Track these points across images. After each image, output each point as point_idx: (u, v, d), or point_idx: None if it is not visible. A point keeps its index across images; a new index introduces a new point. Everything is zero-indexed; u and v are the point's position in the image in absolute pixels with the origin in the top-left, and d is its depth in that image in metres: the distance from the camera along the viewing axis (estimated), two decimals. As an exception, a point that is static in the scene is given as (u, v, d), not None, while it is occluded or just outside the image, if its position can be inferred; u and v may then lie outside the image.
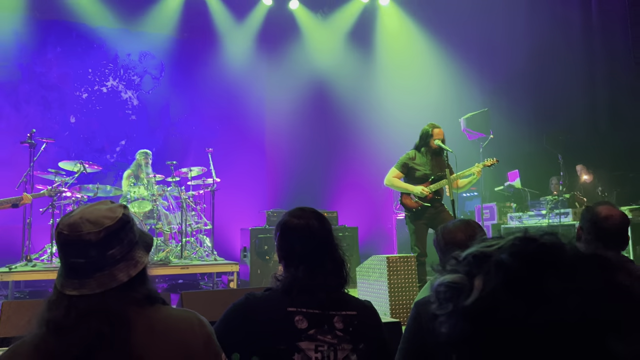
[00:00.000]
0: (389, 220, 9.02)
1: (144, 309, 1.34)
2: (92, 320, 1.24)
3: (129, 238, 1.36)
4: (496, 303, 0.59)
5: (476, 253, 0.64)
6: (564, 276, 0.58)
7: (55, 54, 8.55)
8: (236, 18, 9.35)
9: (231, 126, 9.48)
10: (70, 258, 1.29)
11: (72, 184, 6.49)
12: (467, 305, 0.61)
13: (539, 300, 0.57)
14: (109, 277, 1.30)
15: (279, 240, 1.89)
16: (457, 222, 2.15)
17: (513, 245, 0.62)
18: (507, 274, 0.59)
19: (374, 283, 4.90)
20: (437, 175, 5.01)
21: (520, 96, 8.22)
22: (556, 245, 0.61)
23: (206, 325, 1.42)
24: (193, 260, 6.64)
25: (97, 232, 1.29)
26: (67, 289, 1.28)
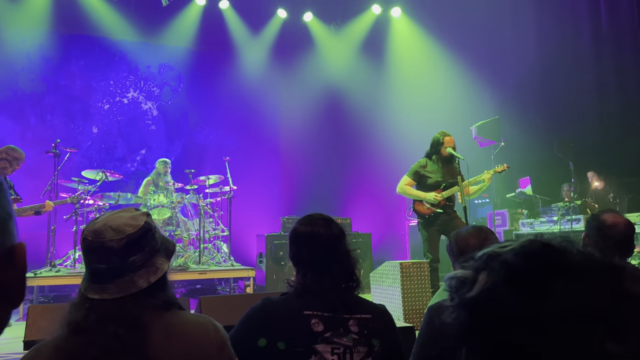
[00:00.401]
0: (402, 226, 9.13)
1: (160, 314, 1.39)
2: (110, 324, 1.29)
3: (150, 245, 1.41)
4: (494, 296, 0.60)
5: (490, 253, 0.66)
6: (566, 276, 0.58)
7: (78, 67, 8.86)
8: (252, 30, 9.59)
9: (247, 135, 9.71)
10: (93, 263, 1.36)
11: (95, 191, 6.71)
12: (468, 297, 0.63)
13: (536, 295, 0.58)
14: (129, 283, 1.35)
15: (289, 247, 1.97)
16: (469, 228, 2.17)
17: (522, 246, 0.64)
18: (508, 270, 0.61)
19: (387, 288, 5.01)
20: (449, 182, 5.06)
21: (531, 104, 8.31)
22: (562, 247, 0.62)
23: (221, 331, 1.47)
24: (211, 265, 6.81)
25: (118, 240, 1.34)
26: (89, 293, 1.34)
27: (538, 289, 0.58)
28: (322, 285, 1.83)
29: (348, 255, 1.93)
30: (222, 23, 9.36)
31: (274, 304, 1.85)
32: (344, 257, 1.91)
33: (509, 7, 8.65)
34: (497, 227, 7.79)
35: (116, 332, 1.28)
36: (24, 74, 8.47)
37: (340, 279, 1.87)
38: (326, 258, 1.86)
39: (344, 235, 1.98)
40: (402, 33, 9.84)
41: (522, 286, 0.59)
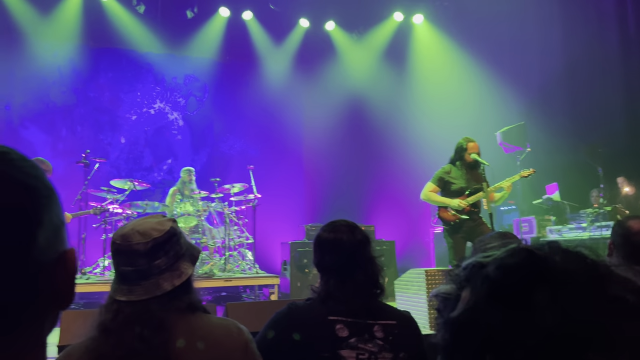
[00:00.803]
0: (427, 234, 9.06)
1: (185, 316, 1.44)
2: (136, 325, 1.35)
3: (175, 250, 1.47)
4: (478, 315, 0.58)
5: (474, 263, 0.64)
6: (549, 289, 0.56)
7: (107, 79, 9.10)
8: (275, 40, 9.70)
9: (271, 144, 9.80)
10: (121, 266, 1.43)
11: (123, 200, 6.87)
12: (452, 317, 0.61)
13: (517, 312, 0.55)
14: (154, 286, 1.41)
15: (313, 253, 2.00)
16: (494, 234, 2.16)
17: (502, 257, 0.61)
18: (490, 286, 0.59)
19: (412, 296, 4.97)
20: (473, 188, 5.02)
21: (557, 109, 8.17)
22: (545, 256, 0.59)
23: (245, 333, 1.51)
24: (236, 273, 6.87)
25: (145, 243, 1.42)
26: (117, 295, 1.41)
27: (521, 303, 0.56)
28: (345, 291, 1.84)
29: (372, 262, 1.93)
30: (246, 34, 9.49)
31: (299, 309, 1.86)
32: (368, 264, 1.91)
33: (532, 10, 8.56)
34: (523, 234, 7.67)
35: (142, 333, 1.34)
36: (55, 87, 8.73)
37: (364, 285, 1.87)
38: (349, 264, 1.88)
39: (368, 241, 1.98)
40: (424, 40, 9.82)
41: (505, 301, 0.57)
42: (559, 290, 0.56)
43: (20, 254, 0.54)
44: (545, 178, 7.74)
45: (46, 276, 0.57)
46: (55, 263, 0.58)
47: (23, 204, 0.55)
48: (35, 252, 0.55)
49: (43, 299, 0.57)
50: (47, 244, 0.57)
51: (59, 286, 0.59)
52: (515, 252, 0.61)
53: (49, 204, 0.58)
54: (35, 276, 0.56)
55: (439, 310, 0.66)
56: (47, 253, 0.57)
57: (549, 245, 0.62)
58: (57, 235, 0.59)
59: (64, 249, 0.60)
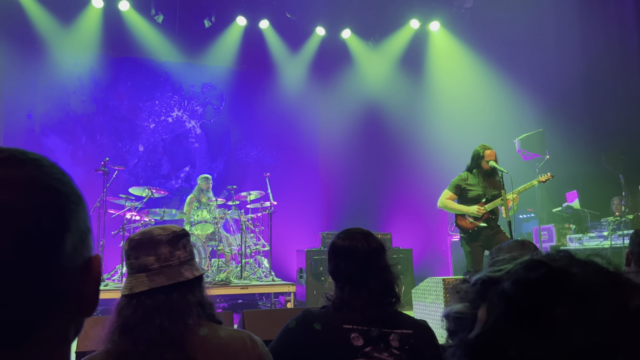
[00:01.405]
0: (444, 242, 8.98)
1: (200, 321, 1.45)
2: (157, 316, 1.36)
3: (190, 249, 1.54)
4: (497, 337, 0.55)
5: (485, 279, 0.60)
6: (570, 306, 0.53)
7: (126, 88, 9.24)
8: (291, 49, 9.76)
9: (287, 151, 9.84)
10: (142, 257, 1.45)
11: (141, 208, 6.94)
12: (469, 340, 0.57)
13: (542, 333, 0.52)
14: (176, 273, 1.44)
15: (328, 261, 1.98)
16: (512, 243, 2.12)
17: (517, 272, 0.57)
18: (509, 305, 0.55)
19: (430, 305, 4.93)
20: (491, 195, 4.98)
21: (576, 115, 8.06)
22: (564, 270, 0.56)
23: (259, 345, 1.51)
24: (252, 280, 6.88)
25: (166, 234, 1.49)
26: (137, 287, 1.41)
27: (542, 322, 0.53)
28: (359, 299, 1.82)
29: (387, 270, 1.91)
30: (262, 42, 9.57)
31: (314, 317, 1.84)
32: (383, 272, 1.89)
33: (550, 15, 8.48)
34: (543, 243, 7.56)
35: (162, 324, 1.35)
36: (76, 95, 8.89)
37: (379, 293, 1.85)
38: (364, 272, 1.86)
39: (383, 249, 1.96)
40: (441, 47, 9.79)
41: (525, 321, 0.53)
42: (581, 307, 0.53)
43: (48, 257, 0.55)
44: (565, 186, 7.63)
45: (71, 281, 0.58)
46: (81, 269, 0.59)
47: (52, 208, 0.56)
48: (62, 257, 0.56)
49: (68, 304, 0.58)
50: (73, 249, 0.58)
51: (83, 292, 0.60)
52: (531, 265, 0.58)
53: (77, 210, 0.59)
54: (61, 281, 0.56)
55: (452, 331, 0.62)
56: (73, 259, 0.58)
57: (563, 255, 0.59)
58: (84, 242, 0.60)
59: (90, 256, 0.61)
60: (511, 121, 8.46)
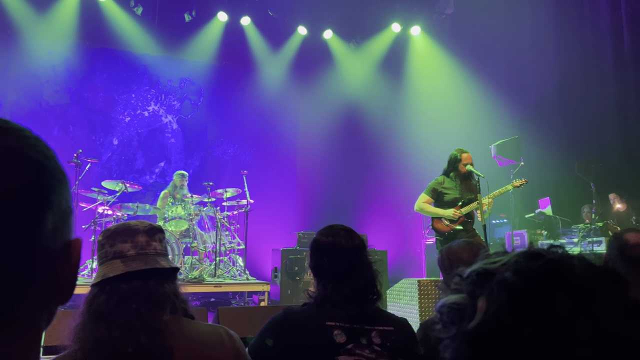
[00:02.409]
0: (418, 244, 9.04)
1: (177, 316, 1.41)
2: (132, 302, 1.33)
3: (165, 246, 1.52)
4: (500, 326, 0.54)
5: (480, 270, 0.60)
6: (572, 294, 0.53)
7: (102, 80, 9.04)
8: (272, 47, 9.71)
9: (265, 150, 9.78)
10: (118, 244, 1.42)
11: (114, 202, 6.79)
12: (470, 329, 0.56)
13: (545, 322, 0.52)
14: (152, 260, 1.42)
15: (310, 257, 1.97)
16: (461, 243, 2.18)
17: (517, 262, 0.58)
18: (511, 294, 0.55)
19: (404, 306, 4.95)
20: (467, 199, 5.04)
21: (551, 124, 8.23)
22: (564, 261, 0.57)
23: (236, 340, 1.48)
24: (226, 279, 6.79)
25: (143, 226, 1.48)
26: (110, 273, 1.36)
27: (545, 312, 0.53)
28: (342, 295, 1.82)
29: (369, 267, 1.91)
30: (243, 39, 9.49)
31: (296, 314, 1.83)
32: (365, 269, 1.89)
33: (528, 25, 8.64)
34: (515, 248, 7.66)
35: (138, 309, 1.32)
36: (49, 85, 8.66)
37: (361, 290, 1.85)
38: (347, 269, 1.85)
39: (365, 246, 1.97)
40: (421, 51, 9.88)
41: (528, 311, 0.53)
42: (583, 297, 0.53)
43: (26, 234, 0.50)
44: (538, 192, 7.78)
45: (49, 264, 0.53)
46: (60, 252, 0.55)
47: (34, 181, 0.52)
48: (40, 236, 0.51)
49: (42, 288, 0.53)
50: (53, 229, 0.53)
51: (60, 277, 0.55)
52: (531, 256, 0.58)
53: (60, 187, 0.55)
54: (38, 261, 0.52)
55: (450, 321, 0.61)
56: (53, 239, 0.53)
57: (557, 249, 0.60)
58: (65, 222, 0.56)
59: (70, 239, 0.57)
60: (487, 127, 8.59)
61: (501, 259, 0.60)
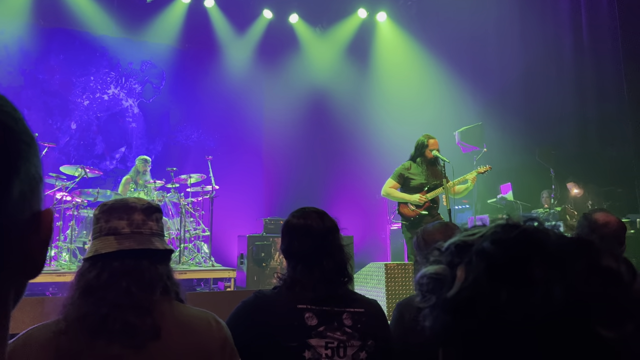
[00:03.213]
0: (384, 230, 9.14)
1: (168, 294, 1.40)
2: (123, 280, 1.30)
3: (162, 225, 1.49)
4: (478, 293, 0.56)
5: (458, 242, 0.62)
6: (548, 262, 0.55)
7: (58, 61, 8.67)
8: (237, 30, 9.53)
9: (230, 135, 9.64)
10: (113, 220, 1.39)
11: (73, 188, 6.57)
12: (449, 297, 0.58)
13: (521, 287, 0.54)
14: (147, 240, 1.39)
15: (281, 239, 1.96)
16: (436, 224, 2.23)
17: (495, 232, 0.60)
18: (489, 262, 0.57)
19: (371, 290, 5.00)
20: (433, 184, 5.11)
21: (513, 111, 8.41)
22: (539, 231, 0.59)
23: (224, 328, 1.47)
24: (191, 266, 6.71)
25: (141, 204, 1.44)
26: (103, 249, 1.34)
27: (522, 279, 0.55)
28: (312, 278, 1.81)
29: (340, 250, 1.92)
30: (207, 21, 9.28)
31: (266, 298, 1.82)
32: (336, 251, 1.90)
33: (493, 14, 8.77)
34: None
35: (129, 288, 1.29)
36: (1, 66, 8.25)
37: (332, 272, 1.85)
38: (318, 251, 1.85)
39: (337, 229, 1.97)
40: (387, 38, 9.90)
41: (506, 278, 0.55)
42: (558, 264, 0.55)
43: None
44: (500, 178, 7.96)
45: (16, 236, 0.49)
46: (28, 223, 0.50)
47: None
48: (6, 204, 0.47)
49: (10, 262, 0.49)
50: (21, 197, 0.48)
51: (29, 250, 0.51)
52: (508, 227, 0.60)
53: (28, 152, 0.50)
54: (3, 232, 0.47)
55: (429, 290, 0.62)
56: (20, 209, 0.49)
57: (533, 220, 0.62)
58: (34, 191, 0.51)
59: (39, 209, 0.52)
60: (452, 113, 8.71)
61: (479, 231, 0.62)
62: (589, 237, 1.78)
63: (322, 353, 1.71)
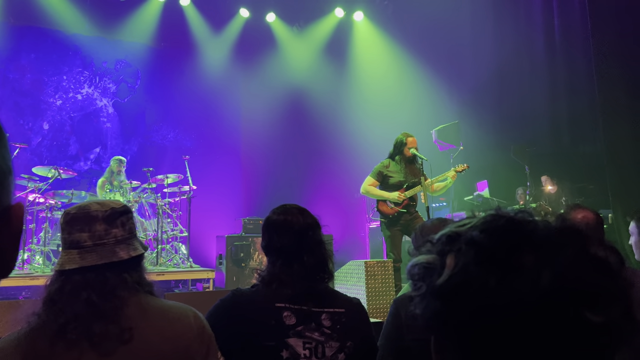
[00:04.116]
0: (363, 228, 9.18)
1: (139, 294, 1.39)
2: (83, 291, 1.30)
3: (130, 226, 1.45)
4: (468, 279, 0.57)
5: (450, 233, 0.63)
6: (537, 249, 0.56)
7: (29, 60, 8.47)
8: (213, 28, 9.45)
9: (207, 134, 9.54)
10: (75, 233, 1.37)
11: (46, 189, 6.42)
12: (439, 284, 0.59)
13: (511, 274, 0.55)
14: (110, 252, 1.36)
15: (262, 235, 1.94)
16: (434, 221, 2.24)
17: (485, 222, 0.61)
18: (478, 250, 0.58)
19: (351, 287, 5.01)
20: (411, 182, 5.14)
21: (488, 109, 8.54)
22: (527, 220, 0.60)
23: (201, 318, 1.46)
24: (168, 267, 6.63)
25: (103, 211, 1.39)
26: (67, 265, 1.34)
27: (511, 265, 0.56)
28: (292, 273, 1.80)
29: (321, 246, 1.90)
30: (183, 20, 9.17)
31: (244, 296, 1.80)
32: (317, 247, 1.88)
33: (467, 13, 8.89)
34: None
35: (89, 298, 1.29)
36: (-31, 65, 8.02)
37: (311, 269, 1.83)
38: (298, 246, 1.84)
39: (318, 225, 1.95)
40: (364, 37, 9.94)
41: (495, 264, 0.56)
42: (546, 251, 0.57)
43: None
44: (476, 175, 8.07)
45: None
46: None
47: None
48: None
49: None
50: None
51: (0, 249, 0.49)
52: (497, 217, 0.61)
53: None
54: None
55: (420, 279, 0.63)
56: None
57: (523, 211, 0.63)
58: (3, 184, 0.49)
59: (9, 203, 0.50)
60: (429, 112, 8.79)
61: (470, 222, 0.63)
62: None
63: (301, 353, 1.70)
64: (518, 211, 0.64)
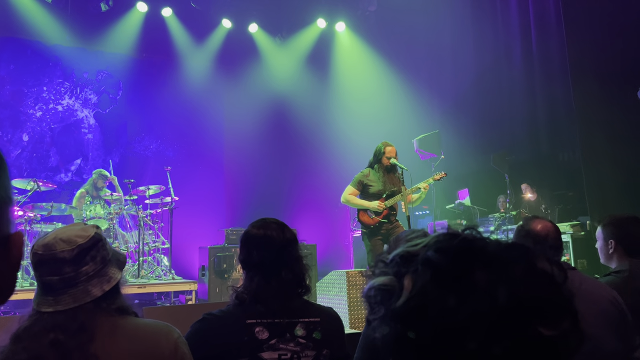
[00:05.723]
0: (346, 237, 9.19)
1: (112, 318, 1.39)
2: (51, 332, 1.29)
3: (102, 255, 1.42)
4: (426, 300, 0.58)
5: (403, 254, 0.64)
6: (489, 267, 0.58)
7: (8, 71, 8.38)
8: (196, 39, 9.44)
9: (189, 145, 9.51)
10: (45, 276, 1.35)
11: (25, 202, 6.34)
12: (398, 306, 0.60)
13: (467, 292, 0.57)
14: (83, 293, 1.35)
15: (240, 249, 1.95)
16: (408, 232, 2.24)
17: (437, 241, 0.62)
18: (435, 270, 0.59)
19: (333, 297, 5.01)
20: (391, 191, 5.17)
21: (468, 118, 8.65)
22: (478, 239, 0.62)
23: (174, 332, 1.46)
24: (150, 279, 6.56)
25: (70, 250, 1.36)
26: (42, 307, 1.33)
27: (466, 283, 0.57)
28: (269, 289, 1.81)
29: (299, 261, 1.92)
30: (165, 31, 9.15)
31: (215, 319, 1.81)
32: (295, 263, 1.90)
33: (447, 23, 9.02)
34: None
35: (55, 339, 1.27)
36: (-54, 77, 7.92)
37: (289, 284, 1.85)
38: (277, 262, 1.85)
39: (295, 240, 1.97)
40: (346, 47, 10.01)
41: (451, 284, 0.58)
42: (500, 269, 0.58)
43: None
44: (458, 184, 8.14)
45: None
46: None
47: None
48: None
49: None
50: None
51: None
52: (449, 237, 0.63)
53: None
54: None
55: (376, 303, 0.64)
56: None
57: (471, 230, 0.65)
58: (2, 214, 0.50)
59: (8, 232, 0.51)
60: (410, 122, 8.86)
61: (422, 241, 0.65)
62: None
63: None
64: (465, 227, 0.66)
